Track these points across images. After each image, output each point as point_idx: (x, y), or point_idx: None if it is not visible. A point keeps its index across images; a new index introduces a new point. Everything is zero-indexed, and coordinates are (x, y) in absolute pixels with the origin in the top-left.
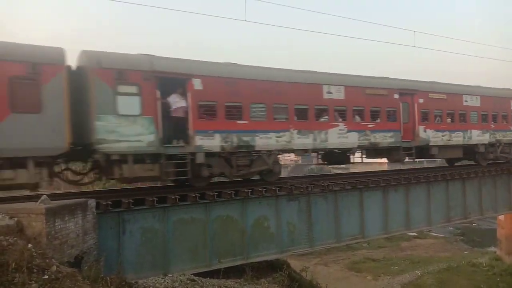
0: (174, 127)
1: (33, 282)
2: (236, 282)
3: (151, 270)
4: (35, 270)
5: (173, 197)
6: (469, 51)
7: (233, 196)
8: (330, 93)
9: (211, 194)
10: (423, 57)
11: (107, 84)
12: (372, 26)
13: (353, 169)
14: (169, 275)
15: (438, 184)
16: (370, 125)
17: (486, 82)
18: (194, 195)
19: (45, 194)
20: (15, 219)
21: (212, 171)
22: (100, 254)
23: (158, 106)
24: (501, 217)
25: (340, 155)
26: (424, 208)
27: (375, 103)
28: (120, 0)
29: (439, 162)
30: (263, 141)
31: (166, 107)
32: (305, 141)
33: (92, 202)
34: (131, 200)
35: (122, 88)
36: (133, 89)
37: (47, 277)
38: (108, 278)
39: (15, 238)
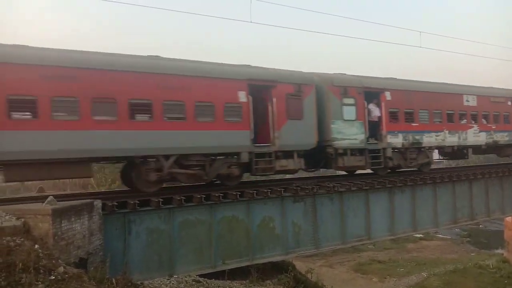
0: (370, 129)
1: (40, 282)
2: (241, 284)
3: (156, 271)
4: (41, 271)
5: (178, 198)
6: (475, 51)
7: (238, 197)
8: (468, 101)
9: (216, 195)
10: (429, 57)
11: (337, 97)
12: (377, 27)
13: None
14: (174, 276)
15: (445, 185)
16: (493, 126)
17: (493, 83)
18: (199, 196)
19: (51, 195)
20: (22, 220)
21: (393, 163)
22: (106, 255)
23: (365, 113)
24: (509, 219)
25: (458, 152)
26: (431, 209)
27: (496, 108)
28: (121, 2)
29: None
30: (427, 139)
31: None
32: (453, 139)
33: (98, 203)
34: (136, 201)
35: (346, 100)
36: (351, 101)
37: (54, 277)
38: (114, 279)
39: (22, 239)
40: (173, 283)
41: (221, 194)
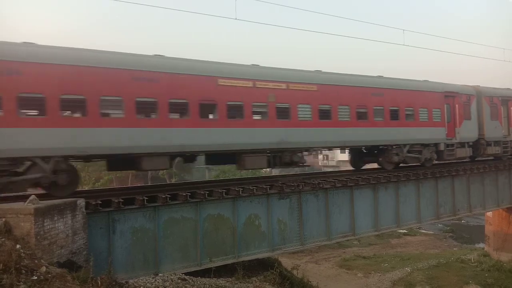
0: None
1: (22, 283)
2: (227, 281)
3: (141, 270)
4: (23, 271)
5: (163, 196)
6: (462, 50)
7: (224, 195)
8: None
9: (202, 193)
10: (412, 55)
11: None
12: (361, 25)
13: (343, 167)
14: (160, 274)
15: (428, 182)
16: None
17: (487, 82)
18: (184, 194)
19: (33, 194)
20: (3, 219)
21: None
22: (90, 254)
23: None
24: (489, 214)
25: None
26: (414, 205)
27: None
28: None
29: None
30: None
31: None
32: None
33: (81, 202)
34: (121, 200)
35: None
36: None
37: (36, 278)
38: (98, 278)
39: (3, 239)
40: (158, 282)
41: (206, 192)
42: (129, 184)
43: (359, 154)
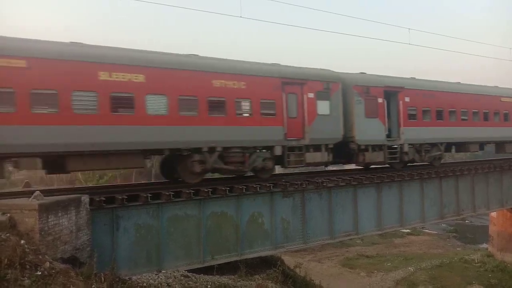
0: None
1: (26, 278)
2: (230, 279)
3: (145, 267)
4: (28, 266)
5: (167, 193)
6: (466, 49)
7: (227, 193)
8: None
9: (206, 190)
10: (418, 55)
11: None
12: (366, 24)
13: (347, 167)
14: (163, 271)
15: (432, 181)
16: None
17: (483, 81)
18: (188, 191)
19: (38, 190)
20: (8, 215)
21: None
22: (93, 251)
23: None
24: (493, 214)
25: None
26: (418, 205)
27: None
28: None
29: None
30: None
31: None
32: None
33: (85, 198)
34: (124, 196)
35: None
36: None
37: (40, 273)
38: (101, 275)
39: (7, 234)
40: (161, 279)
41: (210, 190)
42: (133, 181)
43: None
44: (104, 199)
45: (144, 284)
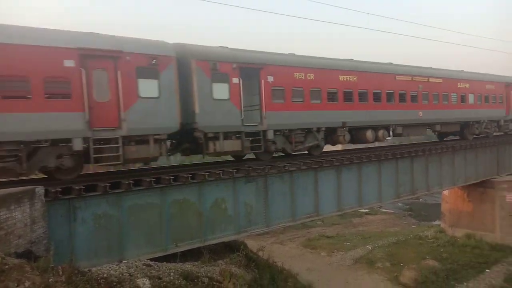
0: None
1: None
2: (193, 265)
3: (105, 257)
4: None
5: (126, 182)
6: (426, 34)
7: (189, 180)
8: None
9: (167, 178)
10: (376, 39)
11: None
12: (324, 7)
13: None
14: (124, 261)
15: (388, 162)
16: None
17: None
18: (149, 180)
19: None
20: None
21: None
22: (50, 243)
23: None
24: (446, 192)
25: None
26: (375, 185)
27: None
28: None
29: None
30: None
31: None
32: None
33: (40, 190)
34: (82, 187)
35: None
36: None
37: None
38: (59, 268)
39: None
40: (123, 269)
41: (171, 177)
42: (91, 171)
43: None
44: (60, 190)
45: (105, 275)
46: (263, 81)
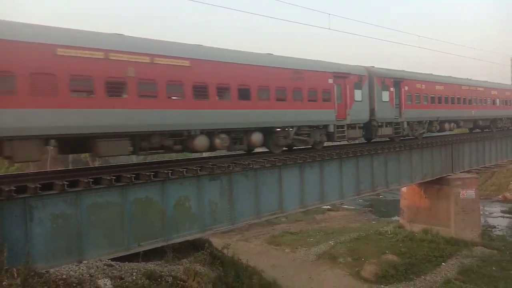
0: None
1: None
2: (156, 264)
3: (64, 258)
4: None
5: (85, 180)
6: (388, 36)
7: (152, 178)
8: None
9: (128, 176)
10: (338, 39)
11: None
12: (286, 7)
13: None
14: (84, 262)
15: (349, 160)
16: None
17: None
18: (109, 178)
19: None
20: None
21: None
22: (3, 245)
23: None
24: (404, 189)
25: None
26: (337, 182)
27: None
28: None
29: None
30: None
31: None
32: None
33: None
34: (38, 185)
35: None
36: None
37: None
38: (14, 270)
39: None
40: (82, 269)
41: (133, 175)
42: (48, 169)
43: None
44: (14, 188)
45: (64, 276)
46: (402, 89)
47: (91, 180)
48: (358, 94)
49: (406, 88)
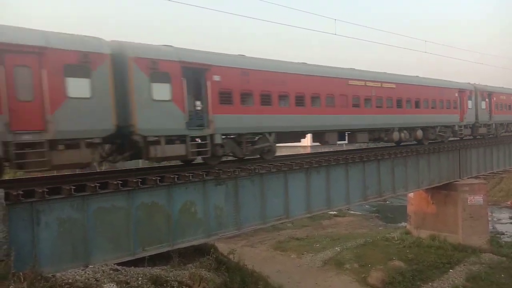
0: None
1: None
2: (162, 269)
3: (70, 262)
4: None
5: (92, 185)
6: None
7: (158, 182)
8: None
9: (134, 181)
10: (344, 45)
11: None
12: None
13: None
14: (90, 266)
15: (356, 165)
16: None
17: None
18: (115, 183)
19: None
20: None
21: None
22: (10, 248)
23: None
24: (411, 195)
25: None
26: (343, 188)
27: None
28: None
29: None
30: None
31: None
32: None
33: (0, 192)
34: (45, 189)
35: (482, 98)
36: (484, 98)
37: None
38: (21, 274)
39: None
40: (88, 274)
41: (139, 180)
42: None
43: None
44: (22, 192)
45: (70, 281)
46: (492, 100)
47: (98, 184)
48: (470, 104)
49: (494, 99)
